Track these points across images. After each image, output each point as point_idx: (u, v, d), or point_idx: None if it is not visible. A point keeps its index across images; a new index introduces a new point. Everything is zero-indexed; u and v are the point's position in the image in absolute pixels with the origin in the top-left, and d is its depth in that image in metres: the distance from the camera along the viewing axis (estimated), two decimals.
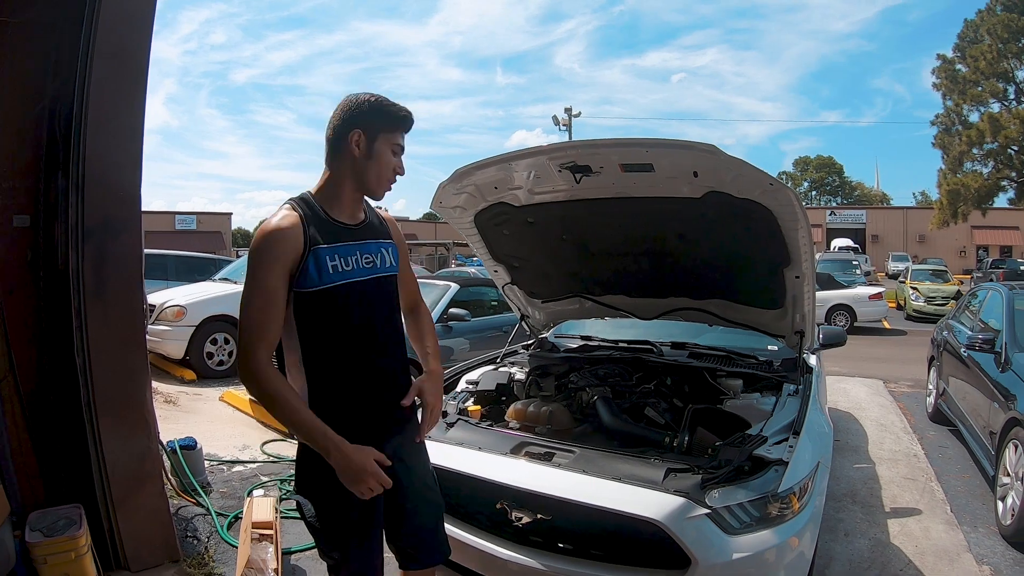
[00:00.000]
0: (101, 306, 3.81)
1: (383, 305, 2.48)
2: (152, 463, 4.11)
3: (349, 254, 2.36)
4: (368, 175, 2.39)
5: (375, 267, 2.44)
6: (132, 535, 3.93)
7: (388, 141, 2.39)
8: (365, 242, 2.44)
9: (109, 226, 3.84)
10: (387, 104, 2.38)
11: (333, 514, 2.41)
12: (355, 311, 2.37)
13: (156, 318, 10.03)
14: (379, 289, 2.45)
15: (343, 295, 2.33)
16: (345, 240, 2.37)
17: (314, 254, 2.27)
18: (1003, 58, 33.53)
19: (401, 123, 2.41)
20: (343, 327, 2.36)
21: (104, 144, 3.79)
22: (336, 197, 2.41)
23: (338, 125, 2.36)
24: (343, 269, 2.33)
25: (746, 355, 4.94)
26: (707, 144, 3.30)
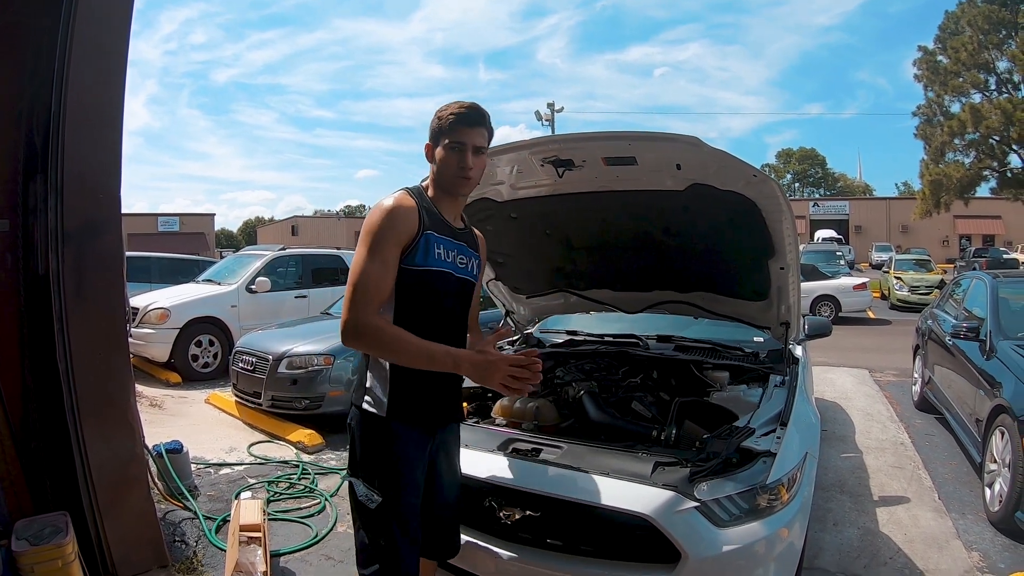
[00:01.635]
0: (82, 310, 3.77)
1: (462, 300, 2.72)
2: (138, 467, 4.09)
3: (451, 248, 2.61)
4: (440, 178, 2.60)
5: (465, 269, 2.69)
6: (119, 541, 3.90)
7: (446, 143, 2.54)
8: (461, 244, 2.68)
9: (89, 229, 3.81)
10: (441, 110, 2.58)
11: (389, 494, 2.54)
12: (446, 298, 2.62)
13: (140, 321, 9.99)
14: (463, 287, 2.70)
15: (441, 280, 2.57)
16: (447, 236, 2.61)
17: (426, 237, 2.51)
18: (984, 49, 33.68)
19: (451, 123, 2.53)
20: (435, 308, 2.58)
21: (83, 146, 3.75)
22: (438, 200, 2.64)
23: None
24: (443, 258, 2.57)
25: (732, 347, 4.94)
26: (690, 136, 3.29)
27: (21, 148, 3.77)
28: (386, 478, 2.55)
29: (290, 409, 7.29)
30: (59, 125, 3.67)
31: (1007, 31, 33.54)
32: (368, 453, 2.59)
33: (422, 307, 2.55)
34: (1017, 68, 32.60)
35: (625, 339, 5.23)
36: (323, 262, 12.86)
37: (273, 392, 7.31)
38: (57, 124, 3.68)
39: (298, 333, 8.05)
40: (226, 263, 13.17)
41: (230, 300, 10.82)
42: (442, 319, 2.61)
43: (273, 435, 7.14)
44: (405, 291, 2.52)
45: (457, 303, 2.69)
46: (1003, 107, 31.24)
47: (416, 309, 2.54)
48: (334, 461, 6.34)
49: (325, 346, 7.34)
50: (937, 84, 35.50)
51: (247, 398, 7.73)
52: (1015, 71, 33.20)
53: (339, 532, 4.78)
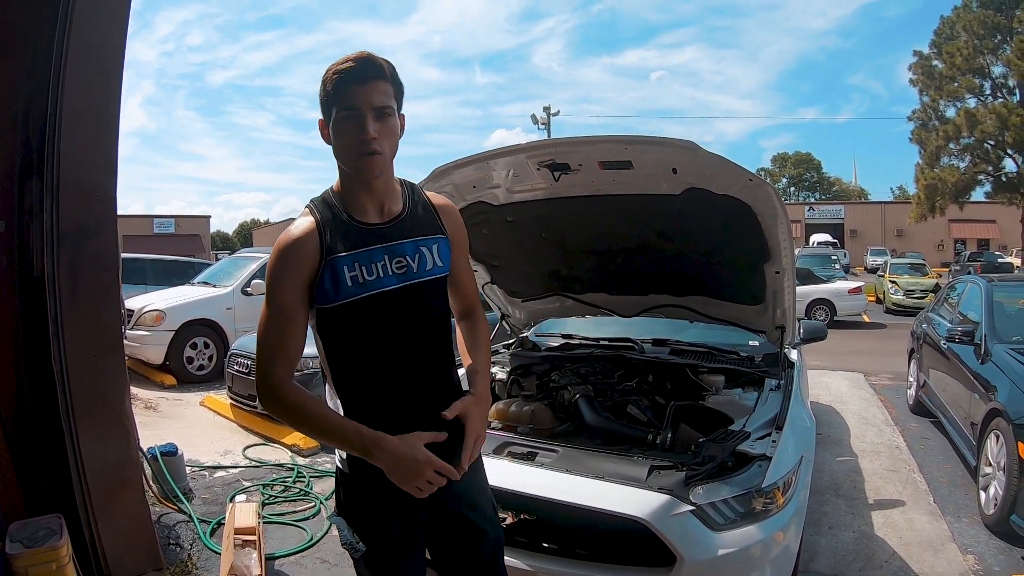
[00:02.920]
0: (77, 311, 3.76)
1: (419, 316, 2.11)
2: (132, 470, 4.08)
3: (374, 259, 2.02)
4: (342, 161, 2.04)
5: (408, 272, 2.07)
6: (114, 544, 3.89)
7: (335, 113, 1.97)
8: (398, 243, 2.07)
9: (85, 230, 3.80)
10: (324, 74, 2.00)
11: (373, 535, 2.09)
12: (381, 325, 2.04)
13: (135, 323, 9.96)
14: (414, 297, 2.08)
15: (365, 309, 2.01)
16: (369, 244, 2.03)
17: (330, 265, 1.97)
18: (979, 54, 33.80)
19: (336, 84, 1.95)
20: (368, 344, 2.05)
21: (79, 147, 3.75)
22: (350, 194, 2.07)
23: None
24: (365, 279, 2.00)
25: (728, 351, 4.94)
26: (686, 140, 3.29)
27: (17, 149, 3.76)
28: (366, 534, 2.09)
29: None
30: (55, 126, 3.66)
31: (1002, 36, 33.67)
32: (348, 502, 2.16)
33: (353, 347, 2.07)
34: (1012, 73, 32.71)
35: (621, 343, 5.23)
36: None
37: None
38: (53, 125, 3.67)
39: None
40: (221, 265, 13.16)
41: (225, 302, 10.80)
42: (383, 353, 2.06)
43: (268, 438, 7.12)
44: (330, 335, 2.07)
45: (411, 320, 2.09)
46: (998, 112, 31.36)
47: (348, 351, 2.08)
48: (329, 464, 6.32)
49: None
50: (932, 89, 35.62)
51: (242, 401, 7.71)
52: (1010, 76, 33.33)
53: (334, 535, 4.74)
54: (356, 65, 1.95)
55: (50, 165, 3.67)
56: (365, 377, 2.07)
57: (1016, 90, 33.59)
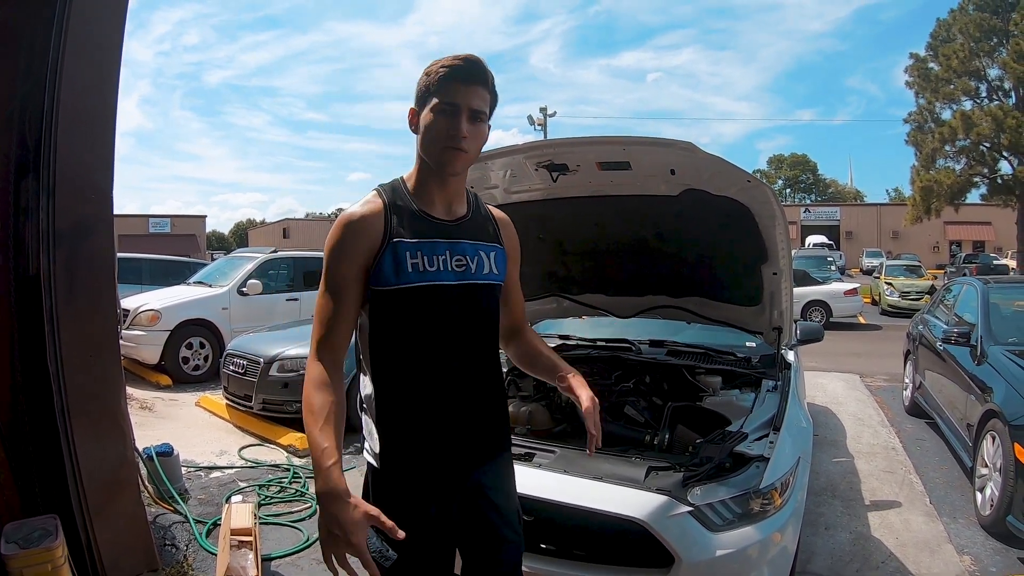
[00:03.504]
0: (73, 311, 3.75)
1: (472, 316, 2.10)
2: (128, 471, 4.07)
3: (436, 252, 2.03)
4: (426, 151, 2.04)
5: (467, 271, 2.07)
6: (110, 544, 3.88)
7: (432, 104, 1.99)
8: (459, 241, 2.08)
9: (81, 229, 3.79)
10: (431, 65, 2.02)
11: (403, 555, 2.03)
12: (435, 317, 2.02)
13: (130, 323, 9.93)
14: (469, 296, 2.08)
15: (422, 298, 2.00)
16: (433, 236, 2.04)
17: (392, 248, 1.97)
18: (975, 57, 33.84)
19: (442, 78, 1.98)
20: (419, 334, 2.02)
21: (76, 146, 3.73)
22: (423, 186, 2.09)
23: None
24: (426, 269, 2.00)
25: (725, 352, 4.94)
26: (685, 142, 3.29)
27: (13, 148, 3.74)
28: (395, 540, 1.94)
29: (281, 412, 7.26)
30: (52, 125, 3.65)
31: (998, 39, 33.72)
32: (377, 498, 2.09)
33: (404, 336, 2.02)
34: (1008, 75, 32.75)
35: (618, 344, 5.23)
36: (314, 265, 12.79)
37: (264, 395, 7.29)
38: (50, 124, 3.65)
39: (289, 336, 8.02)
40: (217, 265, 13.13)
41: (221, 302, 10.78)
42: (440, 346, 2.04)
43: (264, 438, 7.11)
44: (380, 320, 2.03)
45: (464, 319, 2.07)
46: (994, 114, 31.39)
47: (397, 340, 2.03)
48: None
49: None
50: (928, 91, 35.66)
51: (238, 401, 7.70)
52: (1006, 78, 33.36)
53: None
54: (465, 64, 1.98)
55: (46, 164, 3.65)
56: (409, 368, 2.04)
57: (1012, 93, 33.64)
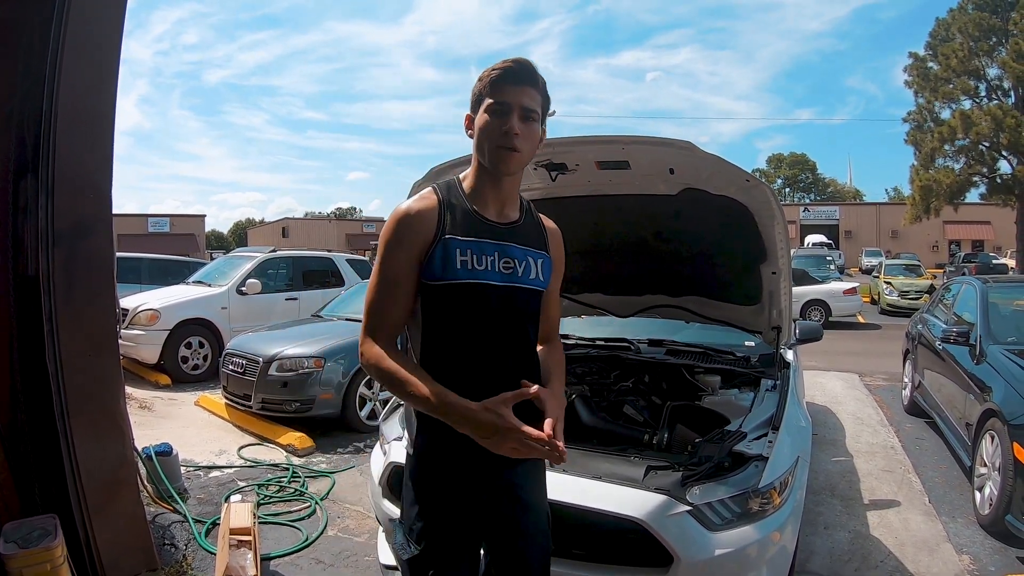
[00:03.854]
0: (72, 311, 3.75)
1: (515, 318, 2.15)
2: (127, 470, 4.07)
3: (485, 252, 2.09)
4: (481, 151, 2.12)
5: (513, 274, 2.12)
6: (109, 544, 3.87)
7: (485, 105, 2.07)
8: (509, 244, 2.14)
9: (80, 229, 3.79)
10: (484, 71, 2.11)
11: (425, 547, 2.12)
12: (479, 315, 2.09)
13: (129, 322, 9.93)
14: (513, 298, 2.13)
15: (468, 294, 2.06)
16: (484, 236, 2.10)
17: (443, 244, 2.04)
18: (974, 56, 33.81)
19: (494, 79, 2.06)
20: (464, 330, 2.09)
21: (75, 146, 3.73)
22: (478, 189, 2.15)
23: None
24: (474, 267, 2.06)
25: (724, 351, 4.94)
26: (684, 141, 3.30)
27: (12, 147, 3.74)
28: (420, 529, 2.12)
29: (280, 412, 7.27)
30: (50, 124, 3.65)
31: (997, 38, 33.70)
32: (406, 498, 2.19)
33: (449, 330, 2.10)
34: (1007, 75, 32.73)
35: (617, 343, 5.23)
36: (314, 264, 12.86)
37: (263, 394, 7.29)
38: (48, 123, 3.65)
39: (289, 335, 8.04)
40: (216, 265, 13.13)
41: (220, 302, 10.79)
42: (482, 342, 2.09)
43: (263, 438, 7.11)
44: (430, 311, 2.11)
45: (506, 319, 2.12)
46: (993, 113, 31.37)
47: (443, 333, 2.11)
48: (324, 464, 6.32)
49: (316, 348, 7.34)
50: (928, 90, 35.63)
51: (237, 400, 7.70)
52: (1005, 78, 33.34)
53: (329, 536, 4.77)
54: (515, 66, 2.07)
55: (45, 163, 3.65)
56: (451, 360, 2.10)
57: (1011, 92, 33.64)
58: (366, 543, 4.57)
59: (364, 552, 4.47)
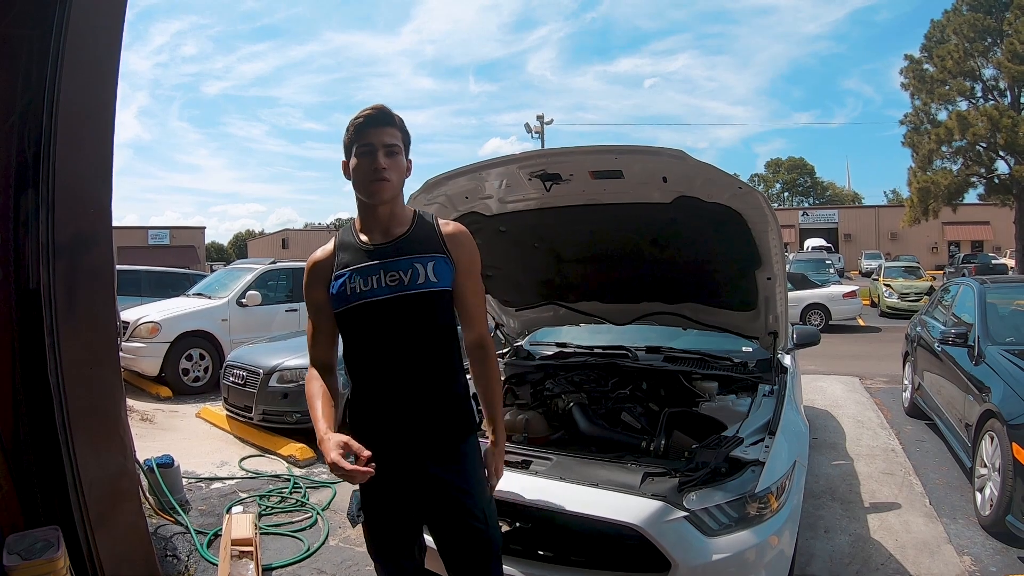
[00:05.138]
0: (73, 324, 3.76)
1: (409, 323, 2.41)
2: (129, 482, 4.08)
3: (370, 273, 2.41)
4: (358, 189, 2.45)
5: (400, 284, 2.39)
6: (111, 556, 3.88)
7: (355, 150, 2.41)
8: (394, 259, 2.42)
9: (80, 242, 3.80)
10: (350, 121, 2.44)
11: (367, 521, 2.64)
12: (375, 329, 2.42)
13: (130, 335, 9.94)
14: (404, 307, 2.39)
15: (359, 315, 2.41)
16: (369, 260, 2.43)
17: (337, 277, 2.43)
18: (970, 57, 33.81)
19: (357, 127, 2.41)
20: (366, 345, 2.46)
21: (74, 159, 3.74)
22: (364, 221, 2.51)
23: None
24: (361, 290, 2.39)
25: (721, 357, 4.96)
26: (675, 150, 3.32)
27: (12, 162, 3.77)
28: (362, 504, 2.62)
29: (281, 423, 7.27)
30: (50, 138, 3.67)
31: (992, 39, 33.73)
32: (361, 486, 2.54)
33: (360, 345, 2.47)
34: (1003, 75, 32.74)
35: (614, 350, 5.26)
36: None
37: (264, 406, 7.29)
38: (48, 137, 3.67)
39: (289, 347, 8.02)
40: (216, 277, 13.13)
41: (221, 314, 10.79)
42: (385, 350, 2.42)
43: (264, 449, 7.12)
44: (344, 335, 2.51)
45: (401, 326, 2.40)
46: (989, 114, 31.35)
47: (356, 349, 2.49)
48: (325, 475, 6.32)
49: None
50: (924, 92, 35.62)
51: (238, 412, 7.71)
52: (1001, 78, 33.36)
53: (331, 546, 4.78)
54: (374, 112, 2.41)
55: (45, 177, 3.67)
56: (364, 374, 2.48)
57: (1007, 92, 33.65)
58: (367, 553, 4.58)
59: (366, 562, 4.47)
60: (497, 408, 2.66)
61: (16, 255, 3.80)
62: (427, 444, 2.46)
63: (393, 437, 2.43)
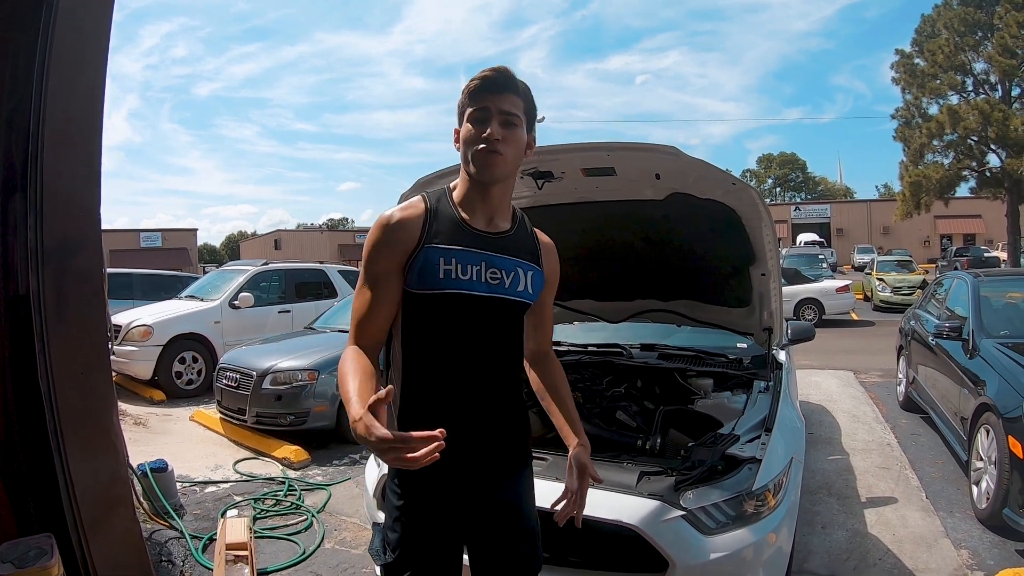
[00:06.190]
0: (64, 329, 3.73)
1: (499, 330, 2.13)
2: (122, 487, 4.05)
3: (471, 262, 2.04)
4: (466, 161, 2.09)
5: (500, 286, 2.08)
6: (105, 562, 3.86)
7: (467, 114, 2.06)
8: (498, 255, 2.10)
9: (69, 247, 3.77)
10: (467, 84, 2.08)
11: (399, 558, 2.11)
12: (461, 326, 2.06)
13: (122, 338, 9.89)
14: (498, 310, 2.09)
15: (449, 304, 2.03)
16: (470, 246, 2.06)
17: (426, 251, 2.01)
18: (960, 51, 33.94)
19: (474, 89, 2.05)
20: (446, 341, 2.07)
21: (62, 163, 3.72)
22: (467, 198, 2.12)
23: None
24: (457, 276, 2.02)
25: (716, 354, 4.95)
26: (668, 146, 3.30)
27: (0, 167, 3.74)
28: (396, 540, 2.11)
29: (275, 425, 7.26)
30: (38, 144, 3.64)
31: (983, 33, 33.85)
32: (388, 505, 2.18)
33: (434, 340, 2.07)
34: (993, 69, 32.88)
35: (609, 348, 5.24)
36: (306, 276, 12.86)
37: (258, 408, 7.28)
38: (36, 143, 3.64)
39: (282, 348, 8.02)
40: (209, 279, 13.11)
41: (213, 316, 10.77)
42: (464, 354, 2.07)
43: (258, 452, 7.10)
44: (412, 321, 2.08)
45: (490, 331, 2.10)
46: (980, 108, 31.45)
47: (422, 342, 2.08)
48: (320, 477, 6.31)
49: (309, 361, 7.33)
50: (915, 86, 35.74)
51: (232, 415, 7.69)
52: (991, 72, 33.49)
53: (326, 548, 4.76)
54: (494, 75, 2.04)
55: (33, 183, 3.64)
56: (432, 372, 2.08)
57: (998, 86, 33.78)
58: (363, 555, 4.56)
59: (361, 564, 4.46)
60: (575, 410, 2.40)
61: (4, 260, 3.77)
62: (493, 461, 2.15)
63: (458, 454, 1.91)
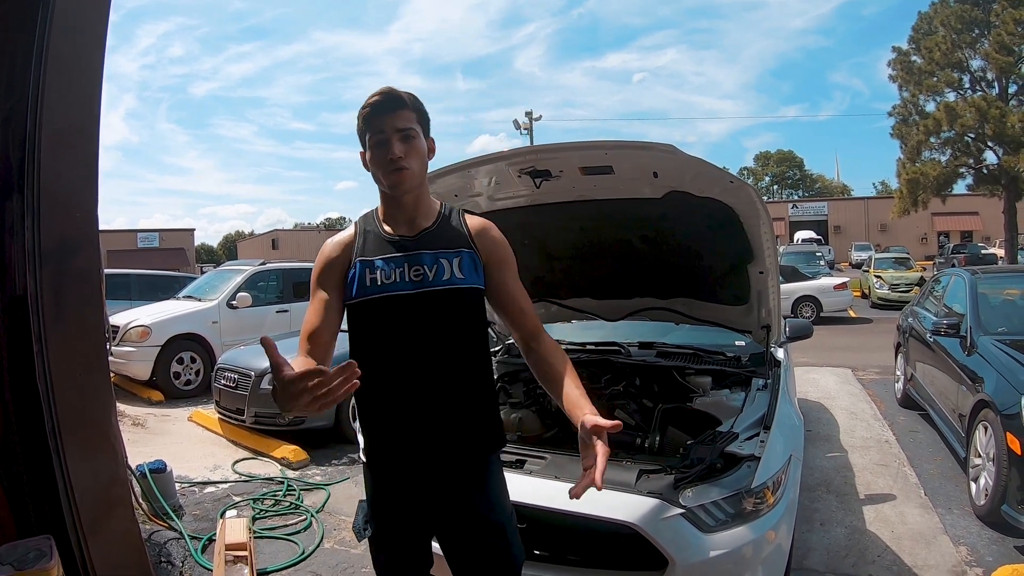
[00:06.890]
0: (61, 330, 3.72)
1: (438, 322, 2.22)
2: (121, 488, 4.04)
3: (395, 266, 2.22)
4: (379, 182, 2.26)
5: (424, 280, 2.21)
6: (104, 563, 3.85)
7: (368, 140, 2.23)
8: (417, 253, 2.24)
9: (67, 248, 3.76)
10: (359, 110, 2.25)
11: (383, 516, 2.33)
12: (397, 326, 2.20)
13: (120, 339, 9.90)
14: (430, 304, 2.20)
15: (380, 308, 2.20)
16: (394, 252, 2.24)
17: (356, 266, 2.24)
18: (957, 48, 33.90)
19: (367, 116, 2.22)
20: (384, 343, 2.22)
21: (59, 164, 3.71)
22: (388, 212, 2.33)
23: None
24: (383, 282, 2.20)
25: (714, 352, 4.95)
26: (666, 144, 3.30)
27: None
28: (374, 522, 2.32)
29: (273, 425, 7.25)
30: (35, 144, 3.63)
31: (980, 30, 33.83)
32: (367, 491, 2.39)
33: (367, 343, 2.25)
34: (990, 66, 32.86)
35: (607, 347, 5.24)
36: (304, 276, 12.77)
37: (256, 408, 7.26)
38: (33, 143, 3.64)
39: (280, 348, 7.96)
40: (206, 279, 13.09)
41: (211, 316, 10.77)
42: (403, 350, 2.21)
43: (257, 452, 7.10)
44: (354, 329, 2.28)
45: (423, 325, 2.20)
46: (977, 105, 31.44)
47: (363, 346, 2.25)
48: (319, 477, 6.31)
49: None
50: (912, 84, 35.70)
51: (230, 415, 7.68)
52: (988, 69, 33.47)
53: (325, 548, 4.76)
54: (381, 99, 2.20)
55: (30, 183, 3.63)
56: (378, 377, 2.21)
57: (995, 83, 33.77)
58: (363, 555, 4.56)
59: (361, 564, 4.46)
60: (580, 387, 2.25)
61: (2, 262, 3.76)
62: (451, 458, 2.26)
63: (412, 448, 2.23)
